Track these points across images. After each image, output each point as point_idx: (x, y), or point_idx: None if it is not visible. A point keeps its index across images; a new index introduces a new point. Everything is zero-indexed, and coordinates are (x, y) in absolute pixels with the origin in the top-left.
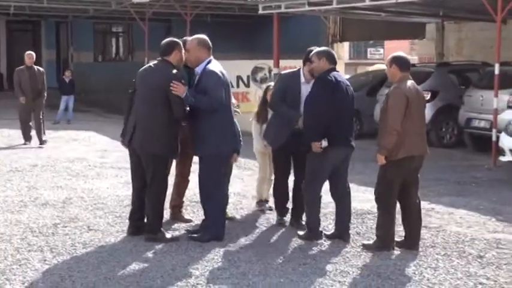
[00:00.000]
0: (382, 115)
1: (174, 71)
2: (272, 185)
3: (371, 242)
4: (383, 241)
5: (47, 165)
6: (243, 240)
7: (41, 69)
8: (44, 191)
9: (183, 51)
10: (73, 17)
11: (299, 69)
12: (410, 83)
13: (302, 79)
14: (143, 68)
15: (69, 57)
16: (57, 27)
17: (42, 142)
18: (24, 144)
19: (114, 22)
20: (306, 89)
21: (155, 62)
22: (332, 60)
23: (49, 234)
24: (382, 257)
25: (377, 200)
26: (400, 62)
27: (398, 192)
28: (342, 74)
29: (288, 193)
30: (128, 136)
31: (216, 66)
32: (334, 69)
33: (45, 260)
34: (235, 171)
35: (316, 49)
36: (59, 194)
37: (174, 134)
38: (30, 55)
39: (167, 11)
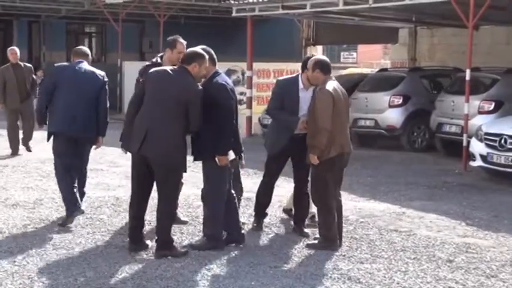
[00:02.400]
0: (310, 116)
1: (199, 86)
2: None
3: (316, 241)
4: (328, 239)
5: (17, 165)
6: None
7: (28, 65)
8: (15, 191)
9: (204, 65)
10: (46, 17)
11: (297, 75)
12: (335, 84)
13: (300, 85)
14: (158, 71)
15: (41, 57)
16: (30, 26)
17: (29, 148)
18: (12, 155)
19: (87, 22)
20: (304, 95)
21: (174, 67)
22: (215, 61)
23: (19, 235)
24: (352, 260)
25: (316, 202)
26: (322, 66)
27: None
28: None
29: (271, 198)
30: (137, 142)
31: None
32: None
33: (14, 261)
34: None
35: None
36: (30, 194)
37: (185, 146)
38: (13, 50)
39: (141, 12)
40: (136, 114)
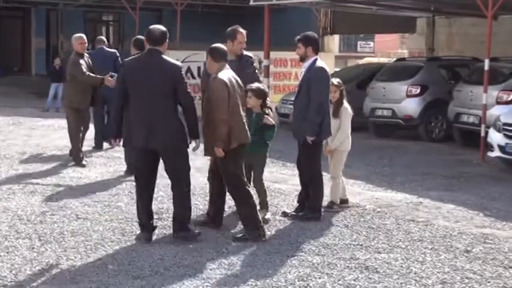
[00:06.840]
0: (206, 107)
1: (180, 63)
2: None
3: (241, 234)
4: (255, 228)
5: (35, 153)
6: (232, 232)
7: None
8: (33, 178)
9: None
10: (63, 5)
11: None
12: (229, 73)
13: None
14: (133, 61)
15: (58, 45)
16: (47, 14)
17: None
18: (79, 165)
19: (105, 11)
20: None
21: (144, 52)
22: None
23: (37, 222)
24: (370, 249)
25: (232, 194)
26: (214, 54)
27: (216, 176)
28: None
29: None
30: (141, 137)
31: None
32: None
33: (33, 248)
34: None
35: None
36: (48, 182)
37: (182, 122)
38: (82, 39)
39: (158, 0)
40: (122, 108)
